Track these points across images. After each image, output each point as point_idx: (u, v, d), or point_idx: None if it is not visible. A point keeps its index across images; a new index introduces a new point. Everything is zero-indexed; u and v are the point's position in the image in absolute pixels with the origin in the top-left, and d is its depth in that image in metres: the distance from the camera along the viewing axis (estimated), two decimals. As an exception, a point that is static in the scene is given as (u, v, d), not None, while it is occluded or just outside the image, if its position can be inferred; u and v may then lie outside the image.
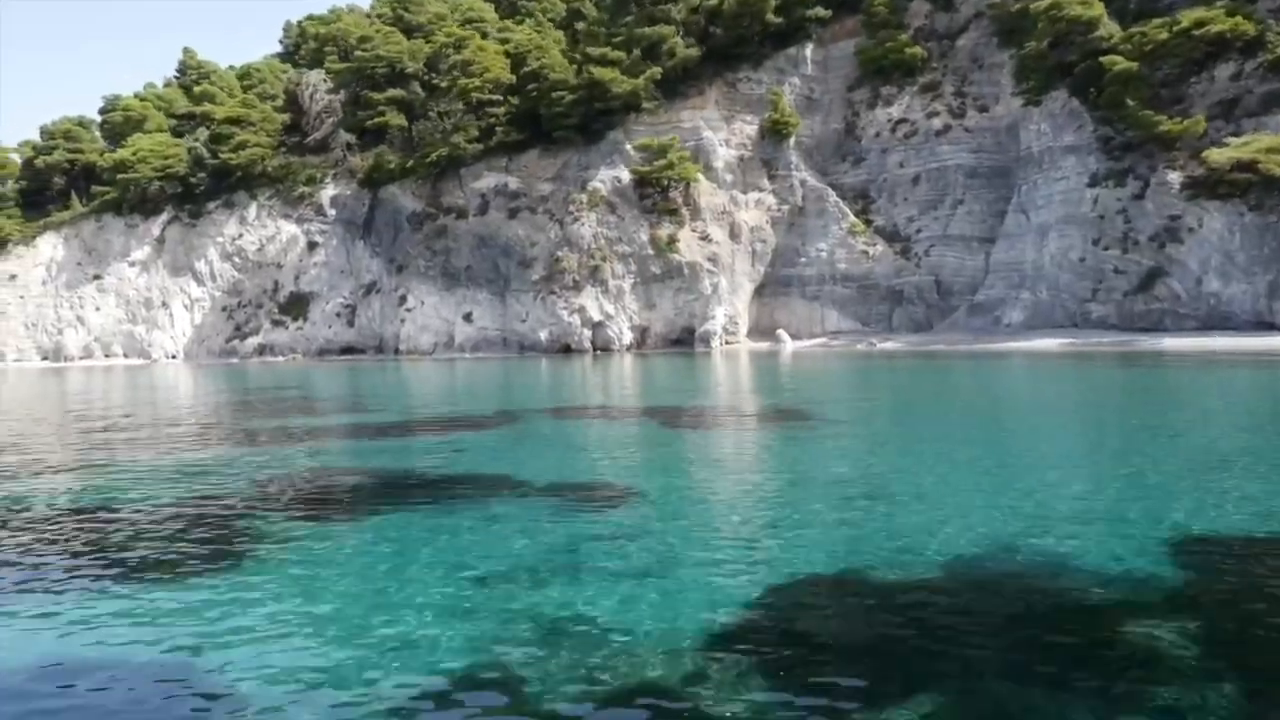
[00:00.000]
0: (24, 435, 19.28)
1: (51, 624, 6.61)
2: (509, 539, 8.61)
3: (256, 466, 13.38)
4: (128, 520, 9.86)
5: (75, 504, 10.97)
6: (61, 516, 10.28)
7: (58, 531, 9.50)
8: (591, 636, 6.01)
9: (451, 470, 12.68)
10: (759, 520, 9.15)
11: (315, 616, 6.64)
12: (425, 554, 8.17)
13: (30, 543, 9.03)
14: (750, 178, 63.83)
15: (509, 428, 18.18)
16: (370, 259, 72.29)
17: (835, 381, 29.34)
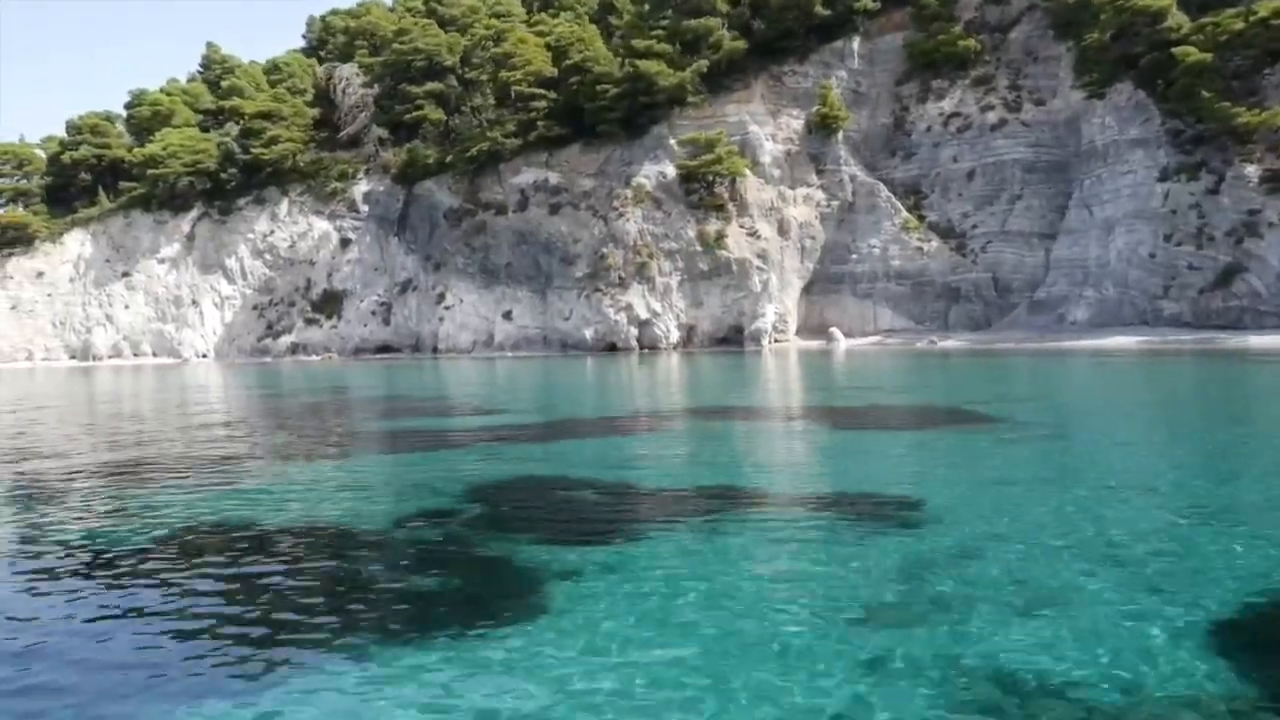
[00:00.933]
0: (156, 438, 17.99)
1: (333, 699, 5.04)
2: (833, 564, 7.28)
3: (444, 477, 12.10)
4: (349, 546, 8.50)
5: (273, 534, 9.41)
6: (261, 555, 8.14)
7: (269, 580, 7.25)
8: (1047, 690, 4.76)
9: (676, 480, 11.39)
10: (1115, 537, 7.82)
11: (662, 668, 5.26)
12: (748, 587, 6.77)
13: (243, 596, 6.87)
14: (798, 173, 62.58)
15: (679, 430, 16.91)
16: (405, 256, 71.01)
17: (950, 380, 28.05)
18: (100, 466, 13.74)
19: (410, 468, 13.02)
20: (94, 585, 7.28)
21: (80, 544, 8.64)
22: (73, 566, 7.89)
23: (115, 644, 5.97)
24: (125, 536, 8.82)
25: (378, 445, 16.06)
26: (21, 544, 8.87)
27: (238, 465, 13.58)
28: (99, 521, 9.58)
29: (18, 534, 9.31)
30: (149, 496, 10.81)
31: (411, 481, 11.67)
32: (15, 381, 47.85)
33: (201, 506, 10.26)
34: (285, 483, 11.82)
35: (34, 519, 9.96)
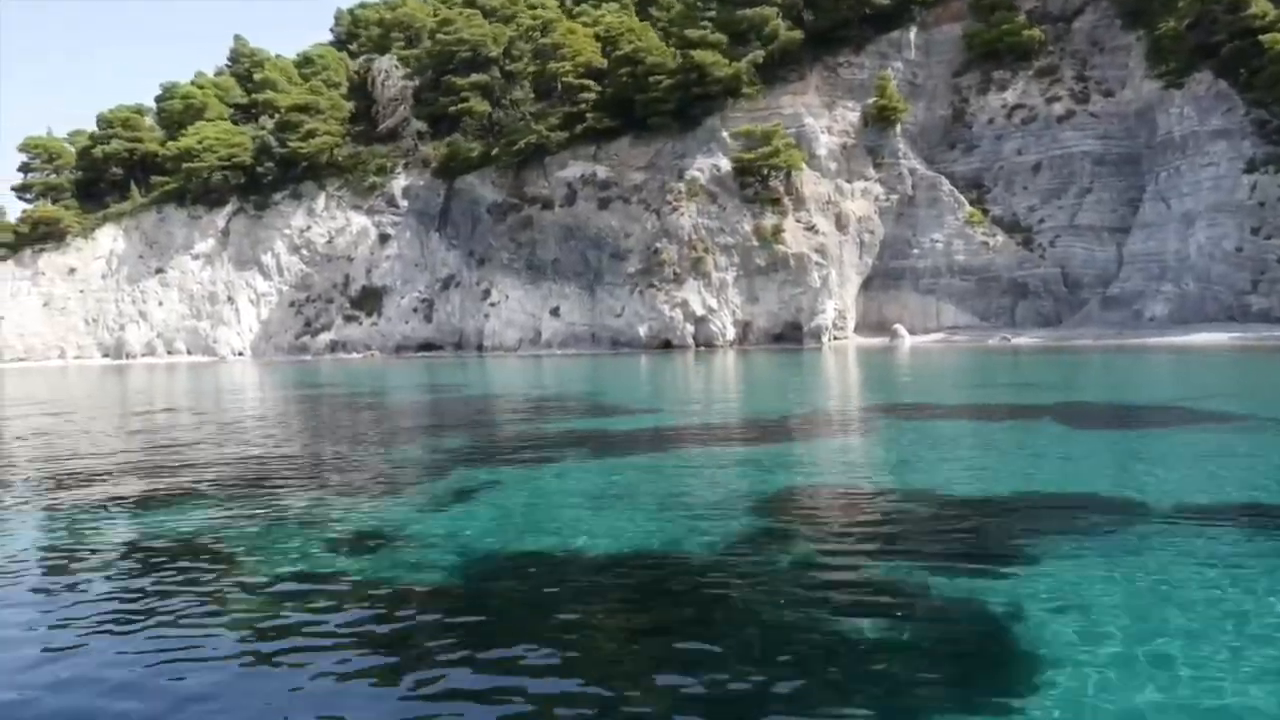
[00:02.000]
0: (305, 454, 16.47)
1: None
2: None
3: (713, 486, 10.59)
4: (728, 584, 6.90)
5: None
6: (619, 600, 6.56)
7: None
8: None
9: (1004, 485, 9.92)
10: None
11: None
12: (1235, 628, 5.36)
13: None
14: (854, 166, 61.11)
15: (905, 428, 15.44)
16: (446, 251, 69.52)
17: (1093, 377, 26.54)
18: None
19: (657, 477, 11.47)
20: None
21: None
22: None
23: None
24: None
25: (583, 451, 14.58)
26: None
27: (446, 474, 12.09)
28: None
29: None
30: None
31: (681, 493, 10.12)
32: (48, 381, 46.25)
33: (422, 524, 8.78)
34: (531, 497, 10.33)
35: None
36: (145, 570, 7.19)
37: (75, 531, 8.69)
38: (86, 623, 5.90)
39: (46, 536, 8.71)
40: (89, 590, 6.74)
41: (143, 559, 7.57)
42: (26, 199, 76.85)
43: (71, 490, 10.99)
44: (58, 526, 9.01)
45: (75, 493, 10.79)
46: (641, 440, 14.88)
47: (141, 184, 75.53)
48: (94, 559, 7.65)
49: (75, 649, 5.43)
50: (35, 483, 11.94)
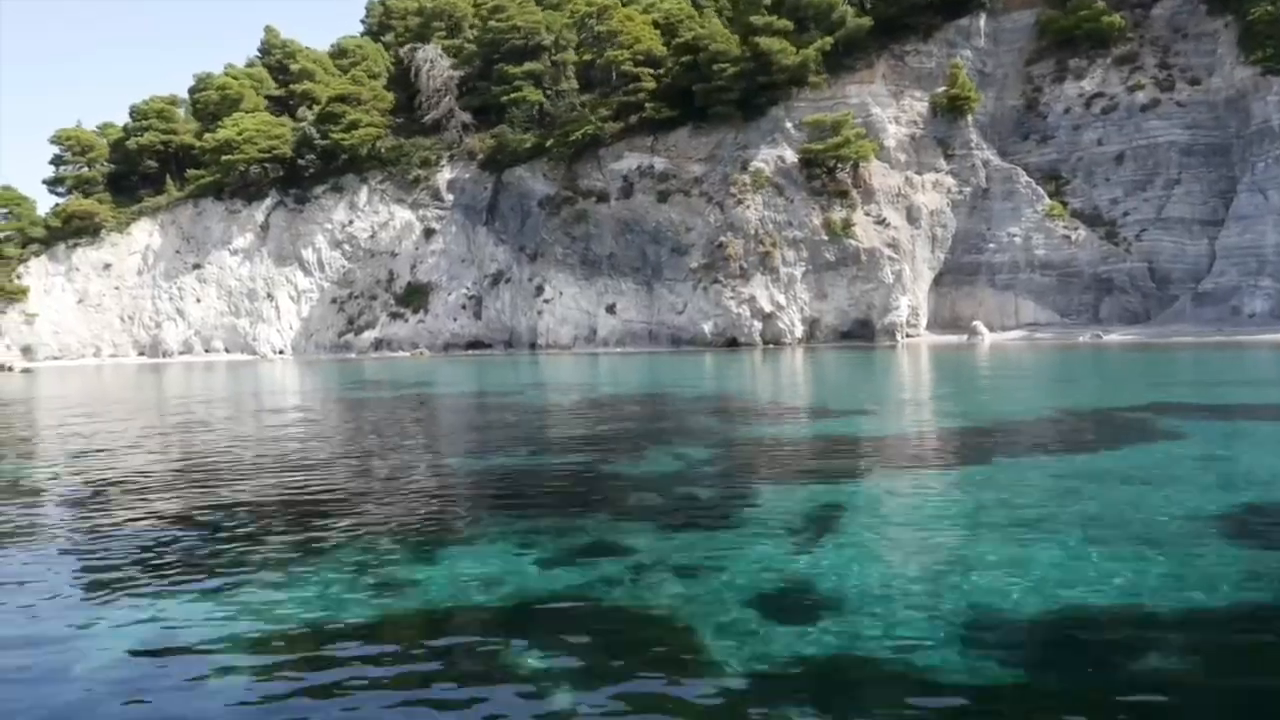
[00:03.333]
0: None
1: None
2: None
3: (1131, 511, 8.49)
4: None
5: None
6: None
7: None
8: None
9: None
10: None
11: None
12: None
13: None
14: (924, 158, 59.05)
15: (1185, 432, 13.31)
16: (495, 246, 67.39)
17: (1237, 375, 24.46)
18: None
19: (1011, 492, 9.32)
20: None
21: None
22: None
23: None
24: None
25: (871, 464, 12.46)
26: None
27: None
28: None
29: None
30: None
31: (1072, 511, 8.01)
32: (84, 380, 44.02)
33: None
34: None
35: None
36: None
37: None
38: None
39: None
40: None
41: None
42: (58, 193, 74.73)
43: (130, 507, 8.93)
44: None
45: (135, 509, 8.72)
46: (940, 446, 12.79)
47: (176, 177, 73.34)
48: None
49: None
50: (80, 492, 10.79)
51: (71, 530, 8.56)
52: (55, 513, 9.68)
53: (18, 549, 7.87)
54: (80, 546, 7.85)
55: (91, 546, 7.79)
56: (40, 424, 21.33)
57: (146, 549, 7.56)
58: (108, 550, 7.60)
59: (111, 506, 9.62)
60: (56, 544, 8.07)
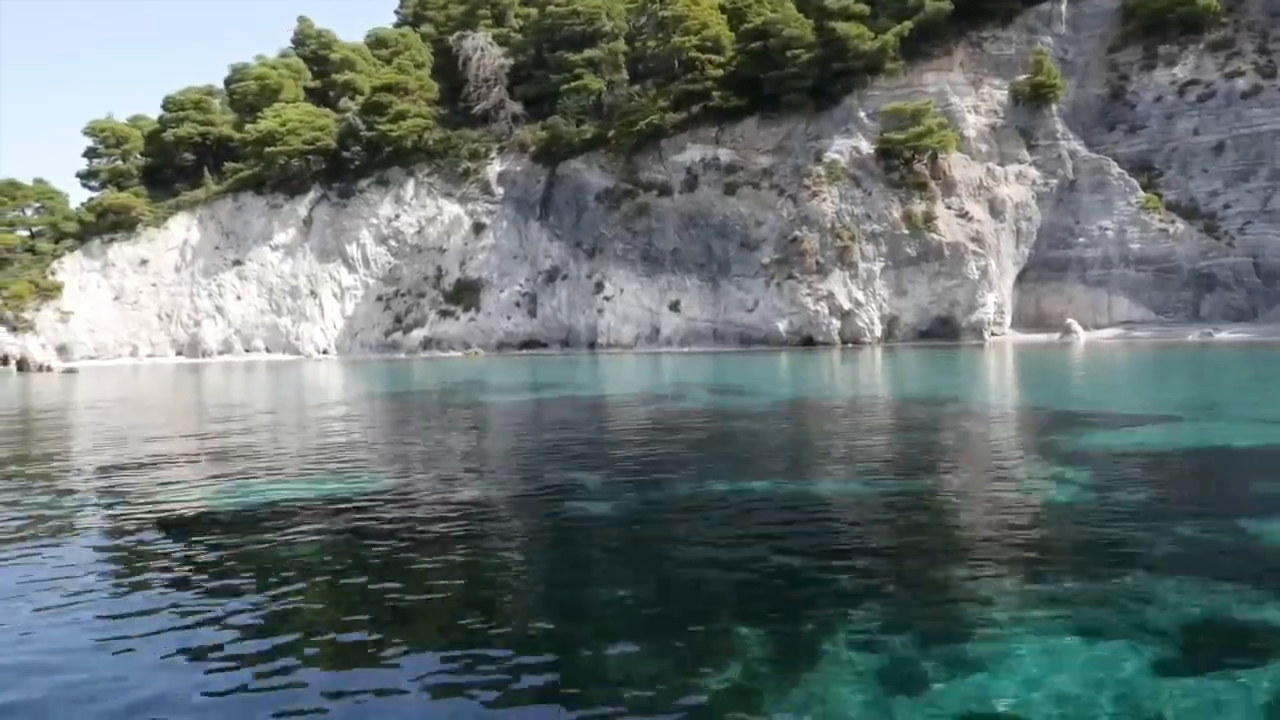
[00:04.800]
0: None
1: None
2: None
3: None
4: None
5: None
6: None
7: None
8: None
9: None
10: None
11: None
12: None
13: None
14: (1006, 148, 56.47)
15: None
16: (549, 242, 64.75)
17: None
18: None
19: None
20: None
21: None
22: None
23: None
24: None
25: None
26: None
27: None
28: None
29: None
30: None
31: None
32: (131, 382, 41.16)
33: None
34: None
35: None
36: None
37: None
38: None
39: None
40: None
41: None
42: (91, 186, 72.13)
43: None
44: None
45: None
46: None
47: (214, 170, 70.73)
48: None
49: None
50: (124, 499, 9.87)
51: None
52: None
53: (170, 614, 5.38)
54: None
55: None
56: (116, 437, 18.70)
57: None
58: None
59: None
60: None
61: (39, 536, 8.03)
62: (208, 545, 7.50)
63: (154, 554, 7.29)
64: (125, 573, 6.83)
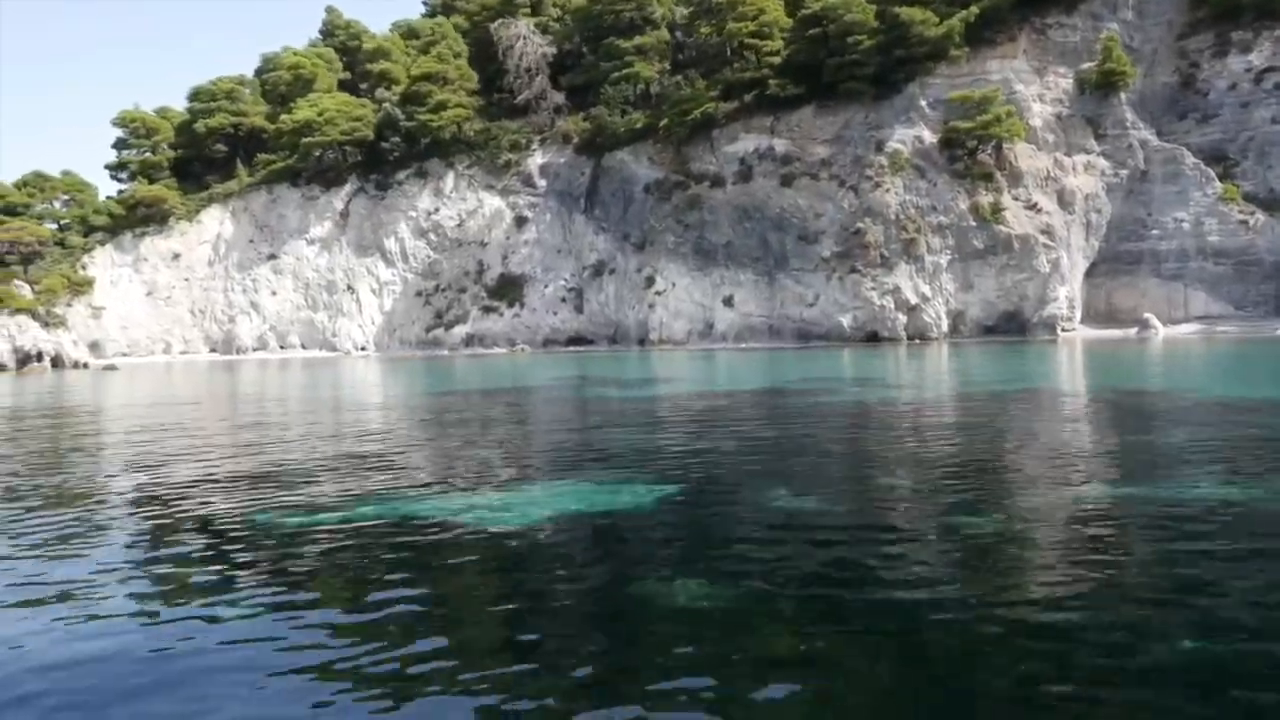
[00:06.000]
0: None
1: None
2: None
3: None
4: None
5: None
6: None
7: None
8: None
9: None
10: None
11: None
12: None
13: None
14: (1073, 138, 54.75)
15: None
16: (594, 235, 62.99)
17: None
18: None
19: None
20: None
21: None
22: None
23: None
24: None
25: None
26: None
27: None
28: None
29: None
30: None
31: None
32: (153, 379, 39.16)
33: None
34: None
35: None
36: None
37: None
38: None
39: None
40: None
41: None
42: (120, 179, 70.26)
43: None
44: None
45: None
46: None
47: (245, 162, 68.91)
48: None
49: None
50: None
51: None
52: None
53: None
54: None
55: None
56: (201, 442, 16.87)
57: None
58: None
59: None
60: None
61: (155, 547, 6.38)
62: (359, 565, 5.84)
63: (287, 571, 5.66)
64: (261, 587, 5.71)
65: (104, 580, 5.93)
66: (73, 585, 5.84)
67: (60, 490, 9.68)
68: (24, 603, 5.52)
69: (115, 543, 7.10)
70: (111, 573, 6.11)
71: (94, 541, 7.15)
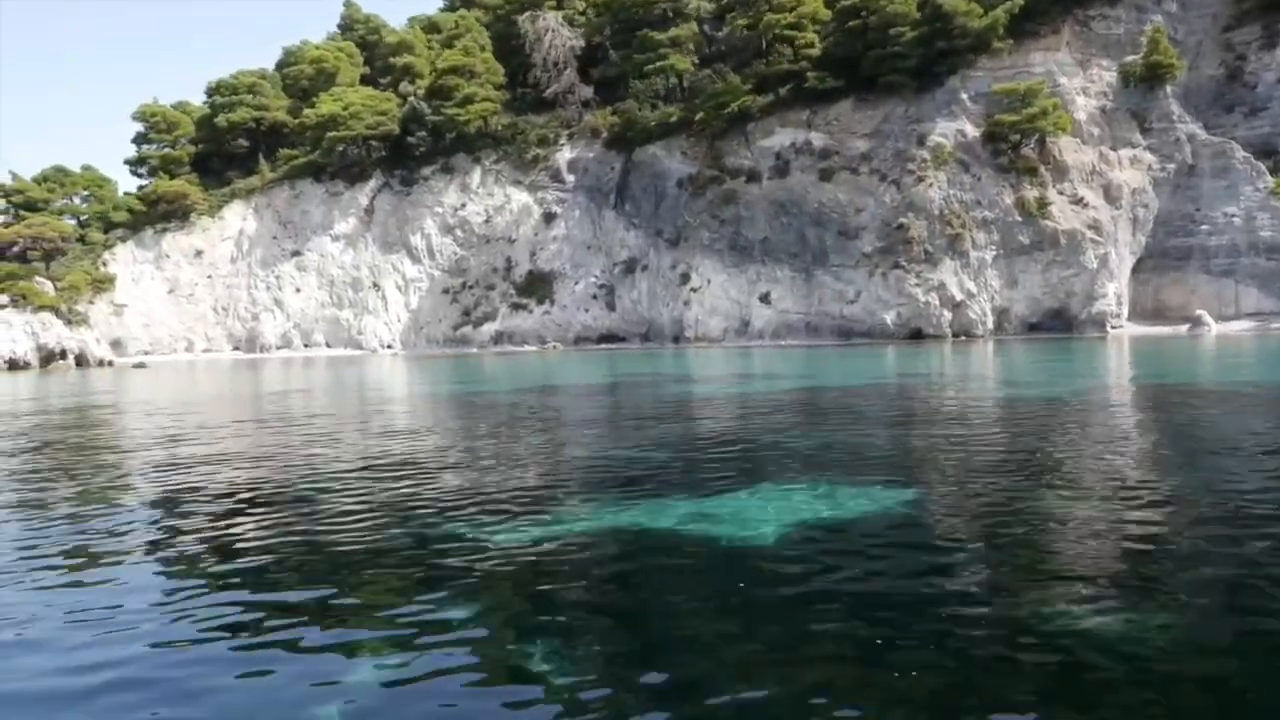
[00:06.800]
0: None
1: None
2: None
3: None
4: None
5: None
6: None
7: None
8: None
9: None
10: None
11: None
12: None
13: None
14: (1118, 131, 53.84)
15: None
16: (625, 231, 61.92)
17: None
18: None
19: None
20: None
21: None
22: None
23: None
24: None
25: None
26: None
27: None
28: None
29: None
30: None
31: None
32: (176, 380, 37.77)
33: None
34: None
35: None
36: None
37: None
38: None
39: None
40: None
41: None
42: (139, 174, 69.03)
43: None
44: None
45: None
46: None
47: (267, 157, 67.69)
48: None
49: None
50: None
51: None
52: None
53: None
54: None
55: None
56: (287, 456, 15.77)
57: None
58: None
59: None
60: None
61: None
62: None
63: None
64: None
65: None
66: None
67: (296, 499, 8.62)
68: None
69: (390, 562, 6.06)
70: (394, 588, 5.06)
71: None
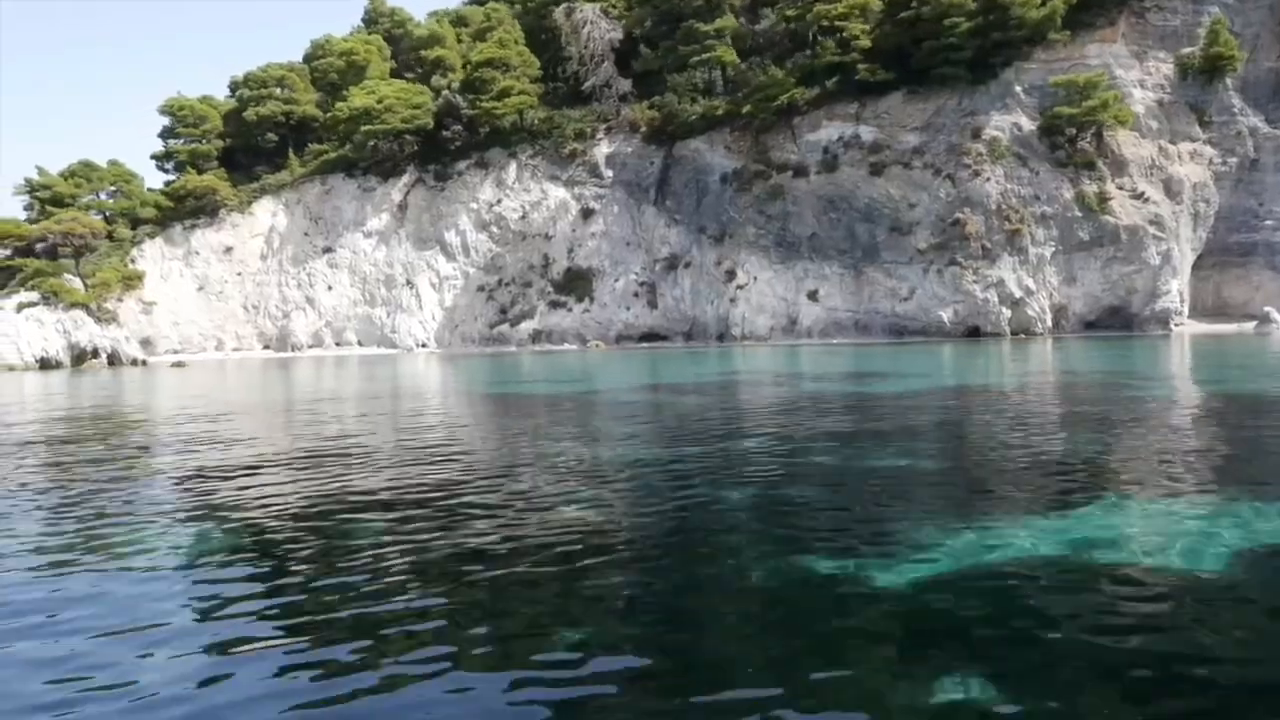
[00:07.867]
0: None
1: None
2: None
3: None
4: None
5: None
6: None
7: None
8: None
9: None
10: None
11: None
12: None
13: None
14: (1176, 125, 52.69)
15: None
16: (666, 228, 60.62)
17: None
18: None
19: None
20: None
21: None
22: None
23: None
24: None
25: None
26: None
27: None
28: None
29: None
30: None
31: None
32: (206, 379, 36.28)
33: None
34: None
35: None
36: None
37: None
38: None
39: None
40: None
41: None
42: (166, 169, 67.63)
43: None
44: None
45: None
46: None
47: (297, 151, 66.31)
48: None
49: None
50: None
51: None
52: None
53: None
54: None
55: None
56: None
57: None
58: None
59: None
60: None
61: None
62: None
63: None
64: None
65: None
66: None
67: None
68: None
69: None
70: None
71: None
